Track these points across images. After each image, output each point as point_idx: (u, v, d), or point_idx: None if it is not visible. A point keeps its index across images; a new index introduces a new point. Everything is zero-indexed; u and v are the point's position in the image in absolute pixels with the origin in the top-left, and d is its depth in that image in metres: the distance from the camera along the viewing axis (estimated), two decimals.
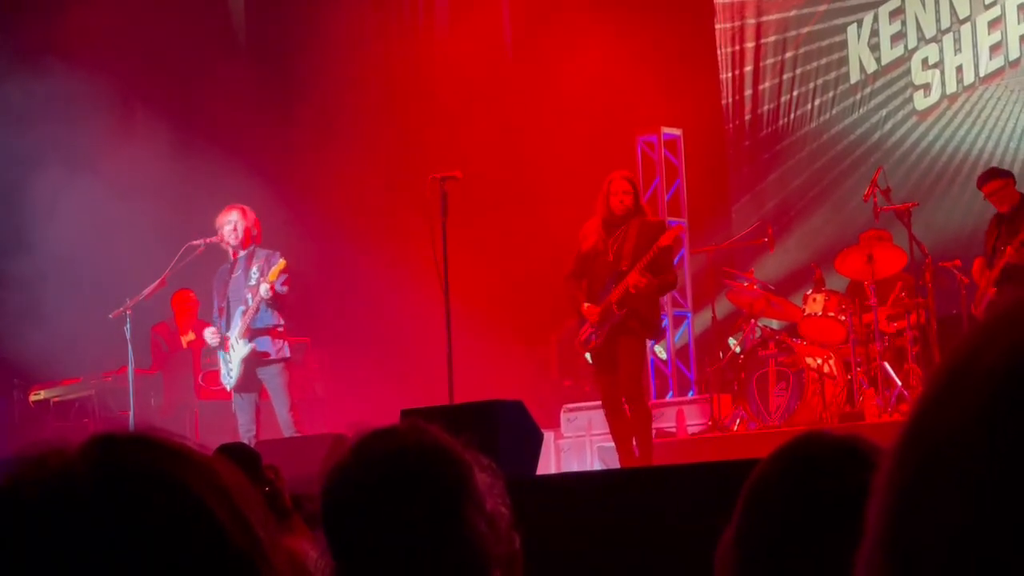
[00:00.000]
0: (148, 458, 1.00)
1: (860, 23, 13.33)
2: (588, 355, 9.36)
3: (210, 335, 10.15)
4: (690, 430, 11.08)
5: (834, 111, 13.52)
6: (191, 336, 12.02)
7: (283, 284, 9.96)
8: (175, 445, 1.02)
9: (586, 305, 9.28)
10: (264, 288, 9.85)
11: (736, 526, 1.88)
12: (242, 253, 10.10)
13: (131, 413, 10.72)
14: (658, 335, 9.84)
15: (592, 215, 9.44)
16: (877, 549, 0.84)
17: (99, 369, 12.01)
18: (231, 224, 10.08)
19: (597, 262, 9.29)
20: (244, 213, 10.14)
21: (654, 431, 11.14)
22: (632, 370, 9.12)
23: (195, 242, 10.39)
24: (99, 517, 0.95)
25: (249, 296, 9.96)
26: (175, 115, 13.37)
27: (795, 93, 13.74)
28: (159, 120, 13.22)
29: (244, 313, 9.96)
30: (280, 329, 10.07)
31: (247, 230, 10.09)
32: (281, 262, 9.88)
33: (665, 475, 5.88)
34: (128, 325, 10.49)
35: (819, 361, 10.23)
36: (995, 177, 10.24)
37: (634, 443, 9.14)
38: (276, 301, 9.97)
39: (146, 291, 10.56)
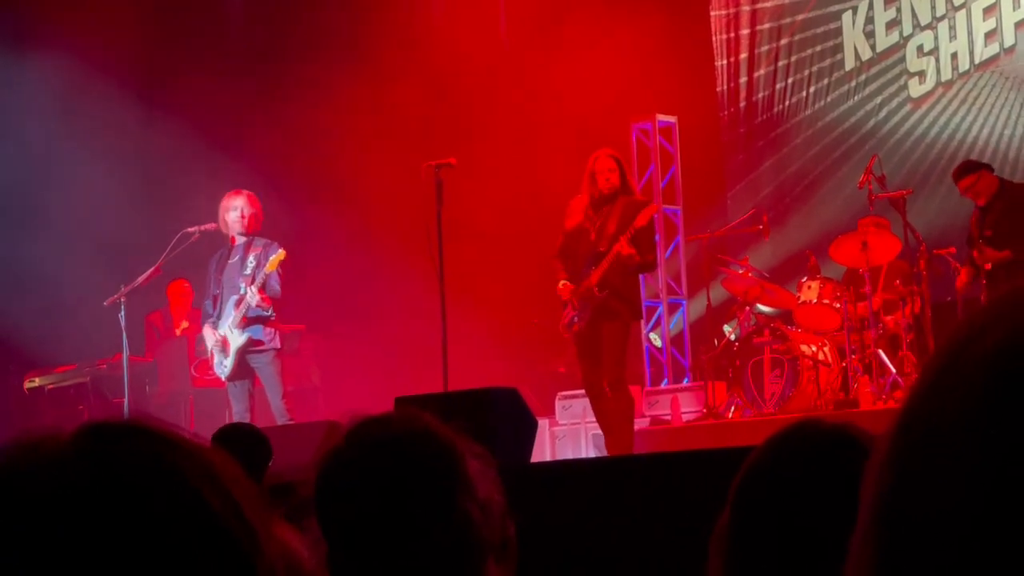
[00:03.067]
0: (141, 446, 1.00)
1: (855, 10, 13.33)
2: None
3: (209, 336, 10.05)
4: (685, 417, 11.09)
5: (829, 98, 13.52)
6: (185, 324, 12.02)
7: (276, 281, 9.92)
8: (168, 433, 1.02)
9: (561, 283, 9.19)
10: (251, 294, 9.78)
11: (730, 514, 1.88)
12: (242, 240, 10.04)
13: (126, 400, 10.72)
14: (640, 316, 9.73)
15: (579, 192, 9.36)
16: (871, 532, 0.84)
17: (93, 356, 12.00)
18: (237, 210, 10.00)
19: (580, 241, 9.20)
20: (251, 200, 10.08)
21: (648, 418, 11.18)
22: (614, 356, 9.01)
23: (190, 229, 10.37)
24: (91, 505, 0.95)
25: (242, 285, 9.92)
26: (170, 101, 13.34)
27: (790, 80, 13.74)
28: (155, 107, 13.20)
29: (237, 303, 9.92)
30: (272, 318, 10.04)
31: (253, 216, 10.02)
32: (280, 252, 9.83)
33: (660, 462, 5.88)
34: (123, 312, 10.47)
35: (814, 348, 10.24)
36: (966, 173, 10.13)
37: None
38: (268, 291, 9.93)
39: (141, 278, 10.55)
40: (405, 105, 13.58)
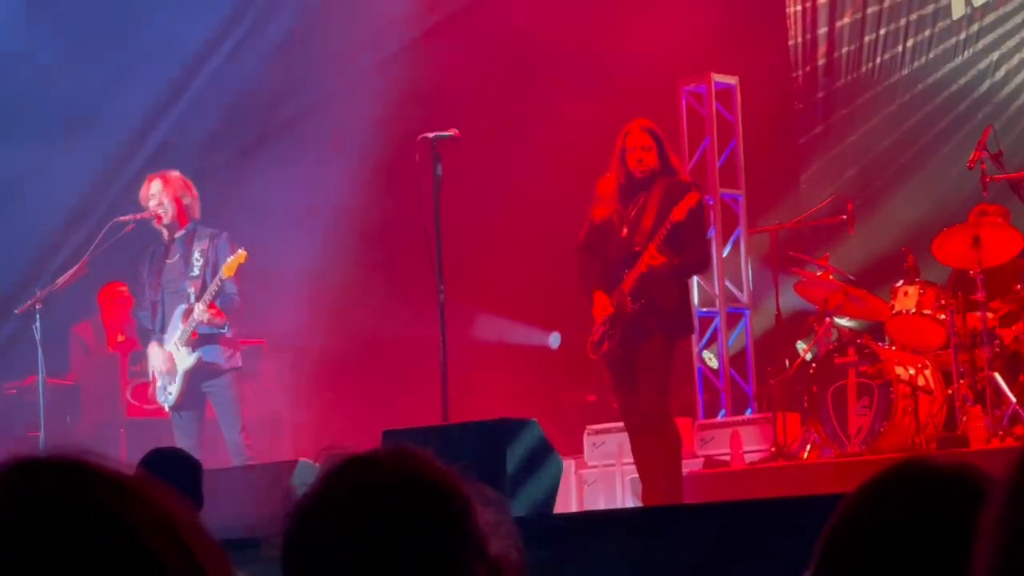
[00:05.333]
0: (77, 488, 1.00)
1: None
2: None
3: (156, 357, 10.07)
4: (748, 458, 11.10)
5: (931, 55, 13.51)
6: (121, 338, 12.05)
7: (232, 287, 9.95)
8: (110, 472, 1.03)
9: (597, 297, 9.20)
10: (200, 311, 9.82)
11: (816, 574, 1.89)
12: (179, 233, 10.08)
13: (41, 434, 10.73)
14: (688, 330, 9.70)
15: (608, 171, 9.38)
16: None
17: (1, 378, 12.03)
18: (155, 198, 10.06)
19: (611, 238, 9.21)
20: (167, 181, 10.10)
21: (702, 459, 11.19)
22: (654, 382, 9.01)
23: (123, 218, 10.37)
24: (18, 558, 0.96)
25: (191, 290, 9.96)
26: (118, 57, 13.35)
27: (882, 32, 13.73)
28: (96, 62, 13.20)
29: (186, 315, 9.95)
30: (230, 335, 10.07)
31: (176, 201, 10.06)
32: (240, 253, 9.86)
33: (716, 513, 5.89)
34: (38, 323, 10.49)
35: (912, 371, 10.23)
36: None
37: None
38: (223, 300, 9.96)
39: (61, 279, 10.57)
40: (404, 64, 13.60)
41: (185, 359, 9.97)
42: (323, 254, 13.53)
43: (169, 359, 9.99)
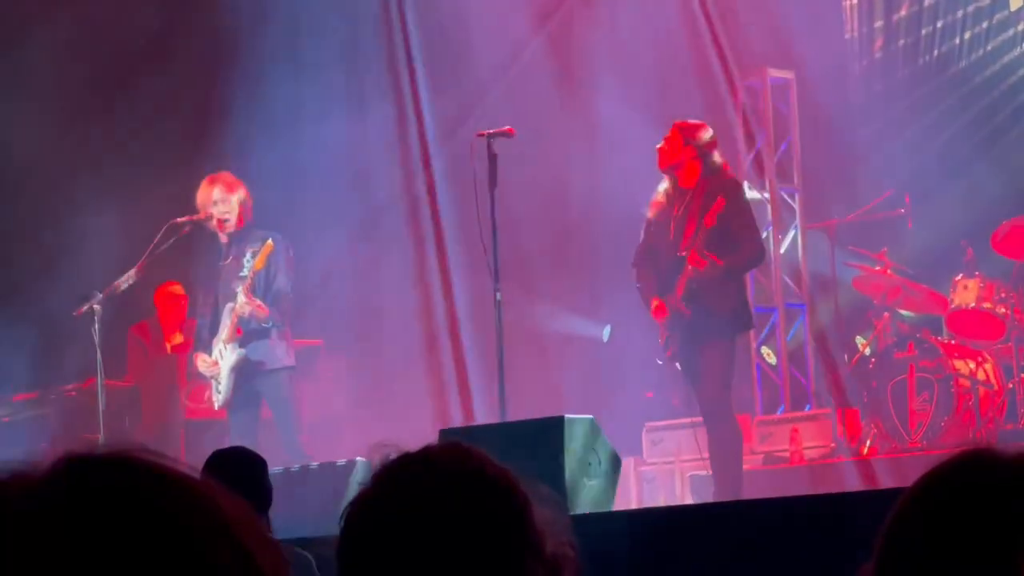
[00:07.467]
0: (130, 485, 1.00)
1: None
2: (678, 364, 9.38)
3: (202, 365, 10.12)
4: (807, 453, 11.06)
5: (989, 47, 13.41)
6: (179, 339, 12.07)
7: (284, 277, 9.97)
8: (164, 469, 1.02)
9: (655, 302, 9.29)
10: (241, 303, 9.83)
11: (876, 571, 1.87)
12: (235, 234, 10.08)
13: (101, 436, 10.76)
14: (747, 326, 9.74)
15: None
16: None
17: (60, 381, 12.07)
18: (215, 200, 10.08)
19: (662, 239, 9.31)
20: (228, 184, 10.13)
21: (761, 455, 11.16)
22: (712, 382, 9.10)
23: (180, 220, 10.40)
24: (70, 554, 0.96)
25: (240, 291, 9.97)
26: (155, 66, 13.39)
27: (939, 24, 13.64)
28: (135, 73, 13.24)
29: (231, 312, 9.96)
30: (281, 331, 10.06)
31: (238, 204, 10.08)
32: (268, 243, 9.87)
33: (776, 510, 5.87)
34: (96, 325, 10.52)
35: (972, 365, 10.17)
36: None
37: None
38: (274, 294, 9.97)
39: (119, 280, 10.60)
40: (449, 58, 13.60)
41: (229, 357, 9.99)
42: (379, 253, 13.54)
43: (213, 364, 10.02)
